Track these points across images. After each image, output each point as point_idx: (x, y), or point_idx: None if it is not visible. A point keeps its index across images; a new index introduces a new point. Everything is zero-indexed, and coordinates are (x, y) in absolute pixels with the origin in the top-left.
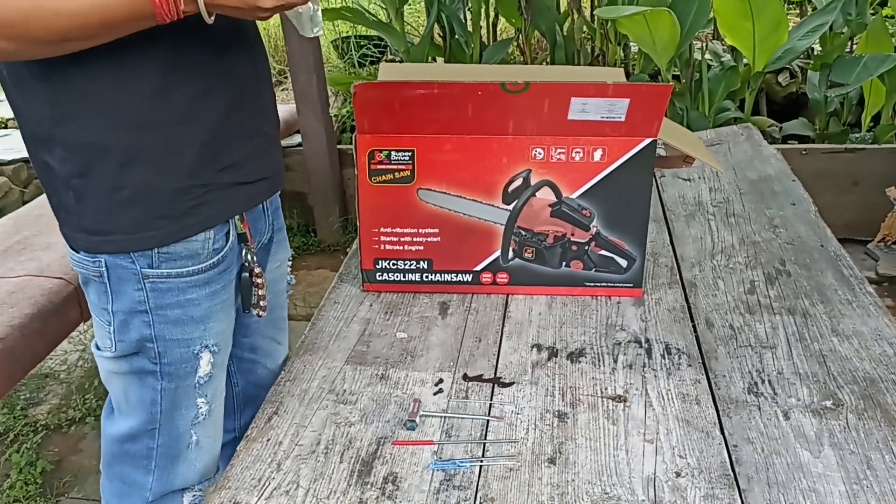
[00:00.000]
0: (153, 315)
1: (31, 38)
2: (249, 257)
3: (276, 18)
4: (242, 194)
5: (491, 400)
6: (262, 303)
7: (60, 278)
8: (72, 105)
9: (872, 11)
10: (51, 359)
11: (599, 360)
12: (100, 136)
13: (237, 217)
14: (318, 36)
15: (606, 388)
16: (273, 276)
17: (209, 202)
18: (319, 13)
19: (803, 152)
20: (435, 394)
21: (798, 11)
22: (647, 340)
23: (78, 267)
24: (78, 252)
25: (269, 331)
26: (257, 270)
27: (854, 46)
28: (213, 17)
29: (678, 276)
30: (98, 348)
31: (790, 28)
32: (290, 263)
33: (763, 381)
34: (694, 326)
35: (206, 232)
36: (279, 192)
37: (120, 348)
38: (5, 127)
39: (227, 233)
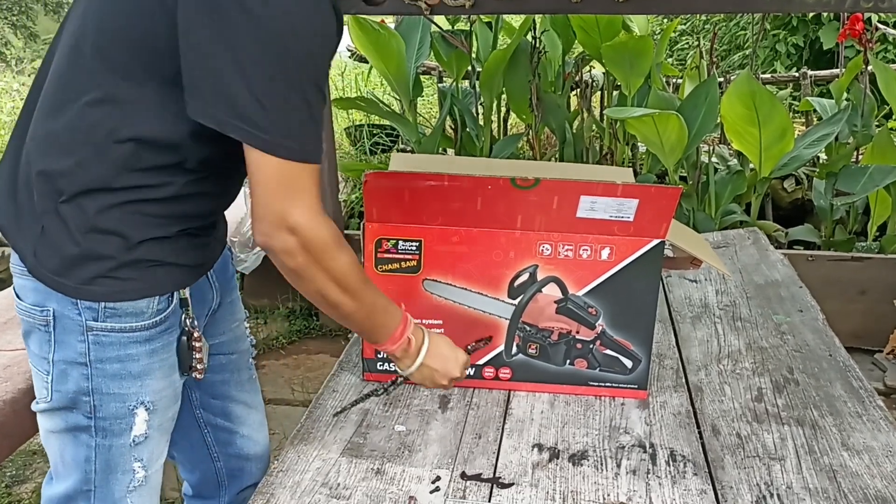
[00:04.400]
0: (92, 368)
1: (340, 294)
2: (188, 322)
3: None
4: (187, 275)
5: (489, 501)
6: (199, 366)
7: None
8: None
9: (878, 123)
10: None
11: (602, 464)
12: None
13: None
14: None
15: (609, 495)
16: (234, 335)
17: (156, 275)
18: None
19: (809, 258)
20: (431, 492)
21: (804, 120)
22: (652, 445)
23: (24, 315)
24: (25, 301)
25: (239, 394)
26: (196, 335)
27: (860, 157)
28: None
29: (684, 380)
30: (36, 403)
31: (796, 136)
32: (247, 325)
33: (772, 496)
34: (700, 433)
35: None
36: (231, 262)
37: (56, 398)
38: None
39: (170, 296)
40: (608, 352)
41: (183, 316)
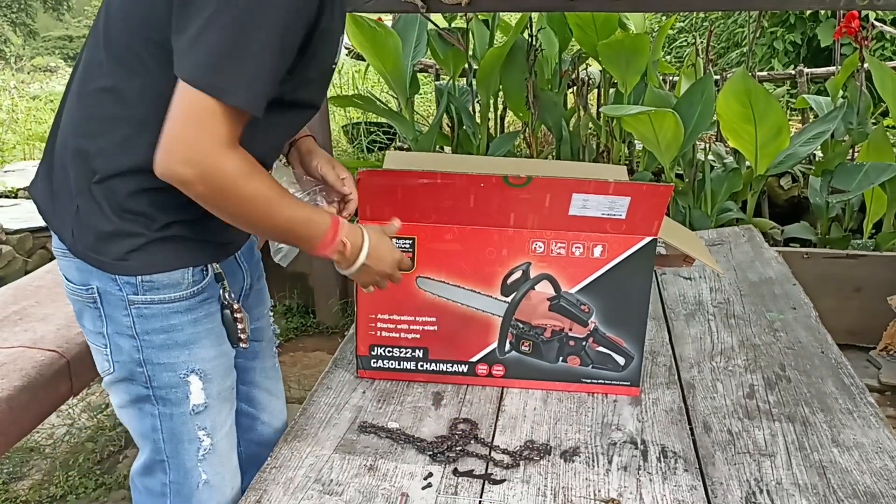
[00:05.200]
0: (140, 340)
1: (251, 217)
2: (227, 295)
3: None
4: (215, 250)
5: (481, 497)
6: (242, 336)
7: (53, 351)
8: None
9: (874, 121)
10: (37, 432)
11: (594, 461)
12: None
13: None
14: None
15: (600, 491)
16: (263, 323)
17: (186, 249)
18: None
19: (805, 256)
20: (424, 488)
21: (800, 118)
22: (644, 442)
23: (74, 296)
24: (72, 282)
25: (263, 381)
26: (236, 306)
27: (855, 154)
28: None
29: (676, 377)
30: (103, 379)
31: (792, 134)
32: (272, 315)
33: (762, 491)
34: (691, 429)
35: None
36: (256, 246)
37: (118, 369)
38: (15, 196)
39: (204, 269)
40: (601, 349)
41: (221, 290)
